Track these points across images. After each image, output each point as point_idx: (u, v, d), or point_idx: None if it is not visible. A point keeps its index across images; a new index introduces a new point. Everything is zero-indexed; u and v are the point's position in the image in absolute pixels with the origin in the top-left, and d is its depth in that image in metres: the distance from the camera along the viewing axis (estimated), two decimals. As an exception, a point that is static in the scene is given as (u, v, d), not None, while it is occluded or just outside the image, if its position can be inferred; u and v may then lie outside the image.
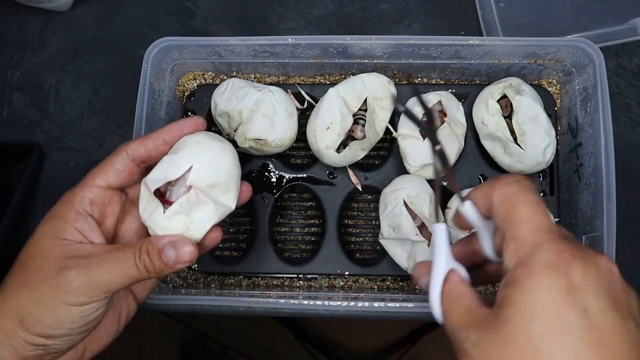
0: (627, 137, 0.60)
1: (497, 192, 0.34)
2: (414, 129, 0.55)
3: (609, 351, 0.28)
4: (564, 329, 0.28)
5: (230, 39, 0.54)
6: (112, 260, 0.39)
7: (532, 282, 0.29)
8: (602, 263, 0.31)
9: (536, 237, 0.31)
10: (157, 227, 0.41)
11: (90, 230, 0.41)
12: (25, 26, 0.66)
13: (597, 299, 0.29)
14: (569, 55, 0.54)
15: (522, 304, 0.29)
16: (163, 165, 0.42)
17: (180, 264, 0.40)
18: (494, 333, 0.30)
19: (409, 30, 0.64)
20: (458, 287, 0.35)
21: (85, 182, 0.42)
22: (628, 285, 0.32)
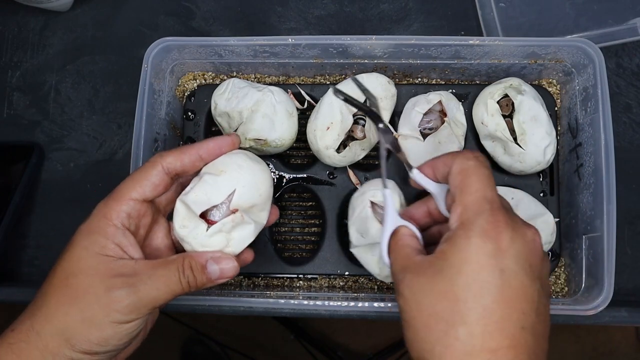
0: (627, 137, 0.60)
1: (456, 163, 0.39)
2: (414, 129, 0.55)
3: (512, 305, 0.34)
4: (481, 283, 0.34)
5: (230, 39, 0.54)
6: (158, 277, 0.39)
7: (466, 243, 0.35)
8: (528, 234, 0.36)
9: (480, 206, 0.36)
10: (197, 243, 0.42)
11: (130, 246, 0.41)
12: (25, 26, 0.66)
13: (515, 264, 0.35)
14: (569, 55, 0.54)
15: (453, 259, 0.35)
16: (205, 187, 0.43)
17: (223, 279, 0.41)
18: (424, 277, 0.36)
19: (409, 30, 0.64)
20: (403, 239, 0.42)
21: (120, 195, 0.41)
22: (546, 254, 0.39)
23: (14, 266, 0.61)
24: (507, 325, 0.34)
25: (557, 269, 0.57)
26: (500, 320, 0.34)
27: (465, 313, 0.34)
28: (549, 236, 0.53)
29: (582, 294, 0.52)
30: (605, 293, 0.48)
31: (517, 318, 0.34)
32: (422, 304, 0.36)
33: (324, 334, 1.36)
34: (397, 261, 0.40)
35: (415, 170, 0.43)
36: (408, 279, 0.37)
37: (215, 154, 0.44)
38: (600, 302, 0.48)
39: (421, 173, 0.43)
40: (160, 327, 1.53)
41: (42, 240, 0.62)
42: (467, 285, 0.34)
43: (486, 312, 0.34)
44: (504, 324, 0.34)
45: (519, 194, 0.54)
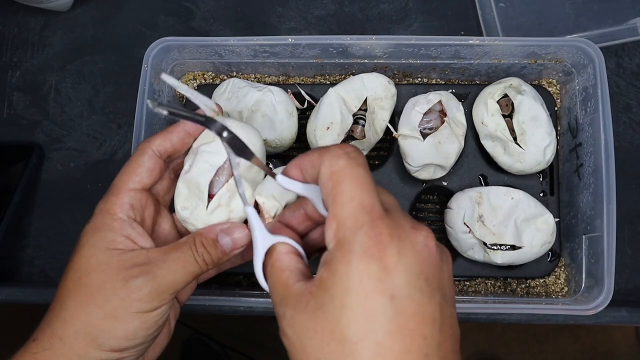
0: (627, 137, 0.60)
1: (325, 165, 0.32)
2: (414, 129, 0.55)
3: (410, 334, 0.29)
4: (370, 317, 0.29)
5: (230, 39, 0.54)
6: (173, 260, 0.38)
7: (346, 269, 0.29)
8: (419, 240, 0.31)
9: (357, 219, 0.30)
10: (200, 223, 0.41)
11: (139, 237, 0.40)
12: (25, 26, 0.66)
13: (407, 284, 0.29)
14: (569, 55, 0.54)
15: (334, 290, 0.30)
16: (203, 157, 0.41)
17: (237, 249, 0.40)
18: (305, 314, 0.30)
19: (409, 30, 0.64)
20: (279, 259, 0.35)
21: (118, 188, 0.40)
22: (442, 254, 0.32)
23: (14, 266, 0.61)
24: (409, 358, 0.29)
25: (557, 269, 0.57)
26: (399, 355, 0.29)
27: (357, 355, 0.29)
28: (549, 236, 0.53)
29: (582, 294, 0.52)
30: (605, 293, 0.48)
31: (418, 347, 0.29)
32: (308, 347, 0.30)
33: (324, 334, 1.36)
34: (276, 290, 0.34)
35: (280, 177, 0.36)
36: (289, 316, 0.31)
37: (202, 127, 0.41)
38: (600, 302, 0.48)
39: (287, 178, 0.36)
40: (160, 327, 1.49)
41: (42, 240, 0.62)
42: (355, 321, 0.29)
43: (380, 349, 0.29)
44: (403, 359, 0.29)
45: (519, 194, 0.54)
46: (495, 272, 0.56)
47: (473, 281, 0.57)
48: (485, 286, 0.57)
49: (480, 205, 0.53)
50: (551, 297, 0.55)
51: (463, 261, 0.57)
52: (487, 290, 0.57)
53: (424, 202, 0.60)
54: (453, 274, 0.57)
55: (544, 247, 0.53)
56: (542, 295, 0.56)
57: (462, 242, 0.54)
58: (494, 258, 0.53)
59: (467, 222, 0.53)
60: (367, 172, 0.32)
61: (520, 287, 0.57)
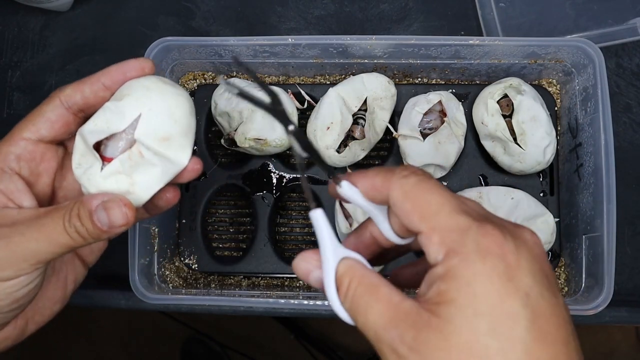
0: (627, 137, 0.60)
1: (395, 188, 0.29)
2: (414, 129, 0.55)
3: (552, 339, 0.26)
4: (510, 322, 0.25)
5: (230, 39, 0.54)
6: (38, 227, 0.33)
7: (470, 272, 0.26)
8: (528, 237, 0.28)
9: (459, 222, 0.27)
10: (92, 186, 0.35)
11: (17, 192, 0.35)
12: (25, 26, 0.66)
13: (535, 282, 0.26)
14: (569, 55, 0.54)
15: (463, 299, 0.26)
16: (106, 113, 0.35)
17: (115, 228, 0.34)
18: (434, 334, 0.26)
19: (409, 30, 0.64)
20: (367, 276, 0.29)
21: (10, 135, 0.36)
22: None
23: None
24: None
25: (557, 269, 0.57)
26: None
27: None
28: (549, 236, 0.53)
29: (582, 294, 0.52)
30: (605, 293, 0.48)
31: (564, 355, 0.26)
32: None
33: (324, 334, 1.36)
34: (375, 311, 0.28)
35: (346, 184, 0.32)
36: (410, 339, 0.26)
37: (120, 79, 0.37)
38: (601, 302, 0.48)
39: (354, 187, 0.32)
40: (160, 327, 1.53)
41: (42, 240, 0.62)
42: (493, 329, 0.25)
43: (530, 357, 0.25)
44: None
45: (519, 194, 0.54)
46: (495, 272, 0.56)
47: (473, 281, 0.57)
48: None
49: (480, 205, 0.53)
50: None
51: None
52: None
53: (424, 202, 0.60)
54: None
55: (544, 247, 0.53)
56: (542, 295, 0.56)
57: (462, 242, 0.54)
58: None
59: (467, 222, 0.53)
60: (441, 183, 0.30)
61: (520, 287, 0.57)
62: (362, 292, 0.29)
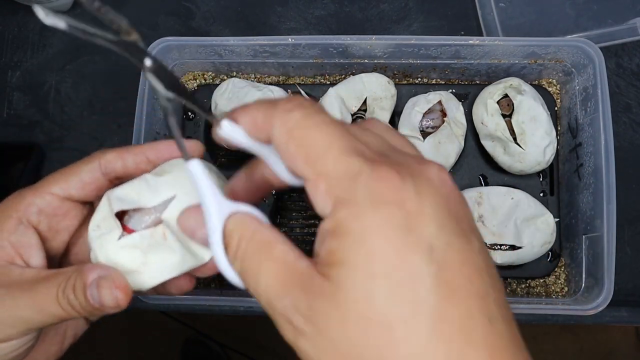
0: (627, 137, 0.60)
1: (277, 126, 0.25)
2: (414, 129, 0.55)
3: (464, 294, 0.22)
4: (412, 283, 0.22)
5: (230, 39, 0.54)
6: (32, 294, 0.31)
7: (362, 226, 0.22)
8: (434, 175, 0.24)
9: (349, 165, 0.23)
10: (102, 253, 0.32)
11: (28, 247, 0.33)
12: (25, 26, 0.66)
13: (441, 229, 0.22)
14: (569, 55, 0.54)
15: (355, 259, 0.22)
16: (141, 184, 0.33)
17: (107, 309, 0.31)
18: (328, 302, 0.22)
19: (409, 30, 0.64)
20: (260, 232, 0.26)
21: (39, 185, 0.34)
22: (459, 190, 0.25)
23: (14, 266, 0.61)
24: (473, 326, 0.22)
25: (557, 269, 0.57)
26: (461, 324, 0.22)
27: (411, 335, 0.21)
28: (549, 236, 0.53)
29: (582, 294, 0.52)
30: (605, 293, 0.48)
31: (478, 309, 0.22)
32: (340, 343, 0.22)
33: (324, 334, 1.36)
34: (269, 274, 0.24)
35: (227, 123, 0.27)
36: (305, 307, 0.23)
37: (165, 157, 0.35)
38: (600, 302, 0.48)
39: (238, 126, 0.27)
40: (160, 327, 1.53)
41: (42, 240, 0.62)
42: (393, 292, 0.21)
43: (437, 322, 0.21)
44: (469, 327, 0.22)
45: (519, 194, 0.54)
46: (495, 272, 0.56)
47: (473, 281, 0.57)
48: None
49: (480, 206, 0.53)
50: (551, 297, 0.55)
51: (463, 261, 0.56)
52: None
53: (424, 202, 0.60)
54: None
55: (544, 247, 0.53)
56: (542, 295, 0.56)
57: (462, 242, 0.54)
58: (494, 258, 0.53)
59: (467, 222, 0.53)
60: (332, 117, 0.25)
61: (520, 287, 0.57)
62: (254, 250, 0.25)
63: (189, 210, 0.29)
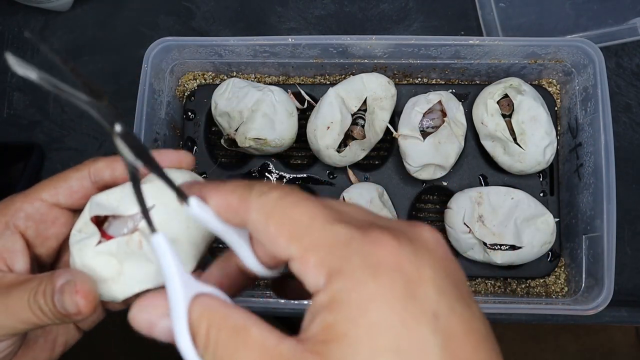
0: (627, 137, 0.60)
1: (254, 209, 0.24)
2: (414, 129, 0.55)
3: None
4: (420, 356, 0.20)
5: (230, 39, 0.54)
6: (5, 298, 0.30)
7: (361, 296, 0.21)
8: (427, 236, 0.24)
9: (337, 234, 0.22)
10: (79, 258, 0.31)
11: (12, 252, 0.32)
12: (25, 26, 0.66)
13: (442, 295, 0.21)
14: (569, 55, 0.54)
15: (357, 332, 0.20)
16: (123, 191, 0.32)
17: (72, 316, 0.29)
18: None
19: (409, 30, 0.64)
20: (230, 316, 0.23)
21: (29, 191, 0.34)
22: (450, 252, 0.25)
23: (14, 266, 0.61)
24: None
25: (557, 269, 0.57)
26: None
27: None
28: (549, 236, 0.53)
29: (582, 294, 0.52)
30: (605, 293, 0.48)
31: None
32: None
33: (324, 334, 1.36)
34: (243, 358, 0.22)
35: (195, 201, 0.26)
36: None
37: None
38: (600, 302, 0.48)
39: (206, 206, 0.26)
40: (160, 327, 1.50)
41: (42, 240, 0.62)
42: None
43: None
44: None
45: (519, 194, 0.54)
46: (495, 272, 0.56)
47: (473, 281, 0.57)
48: (485, 286, 0.57)
49: (480, 205, 0.53)
50: (551, 297, 0.55)
51: (463, 261, 0.56)
52: (487, 290, 0.57)
53: (424, 202, 0.60)
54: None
55: (544, 247, 0.53)
56: (542, 295, 0.56)
57: (462, 242, 0.54)
58: (494, 258, 0.53)
59: (467, 222, 0.53)
60: (308, 194, 0.24)
61: (520, 287, 0.57)
62: (226, 339, 0.22)
63: (139, 302, 0.25)
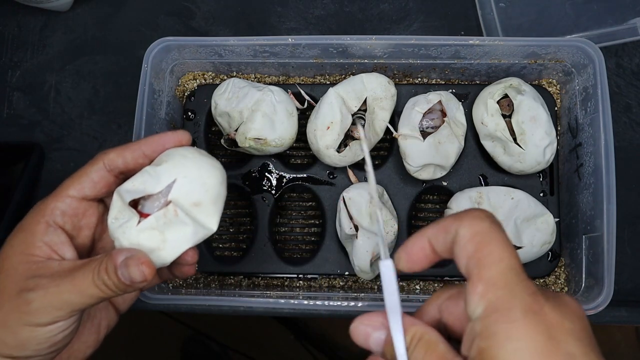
0: (627, 137, 0.60)
1: (464, 227, 0.30)
2: (414, 129, 0.55)
3: None
4: None
5: (230, 39, 0.54)
6: (71, 279, 0.36)
7: (510, 329, 0.26)
8: (572, 303, 0.29)
9: (508, 279, 0.28)
10: (125, 239, 0.37)
11: (60, 245, 0.38)
12: (25, 26, 0.66)
13: (579, 341, 0.27)
14: (569, 55, 0.54)
15: (504, 356, 0.26)
16: (144, 176, 0.39)
17: (137, 284, 0.36)
18: None
19: (409, 30, 0.64)
20: (427, 333, 0.30)
21: (58, 192, 0.40)
22: None
23: (14, 266, 0.61)
24: None
25: (557, 269, 0.57)
26: None
27: None
28: (549, 236, 0.53)
29: (582, 294, 0.52)
30: (605, 293, 0.48)
31: None
32: None
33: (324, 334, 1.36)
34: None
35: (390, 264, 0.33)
36: None
37: (159, 150, 0.41)
38: (600, 302, 0.48)
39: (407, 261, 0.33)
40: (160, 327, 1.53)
41: (42, 240, 0.62)
42: None
43: None
44: None
45: (519, 194, 0.54)
46: (495, 272, 0.56)
47: (473, 281, 0.57)
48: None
49: (480, 205, 0.53)
50: (551, 297, 0.55)
51: (463, 261, 0.57)
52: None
53: (424, 202, 0.60)
54: (452, 275, 0.57)
55: (544, 247, 0.53)
56: (542, 295, 0.56)
57: (462, 242, 0.54)
58: None
59: (467, 222, 0.53)
60: (508, 238, 0.30)
61: (520, 287, 0.57)
62: (423, 348, 0.30)
63: (362, 317, 0.32)
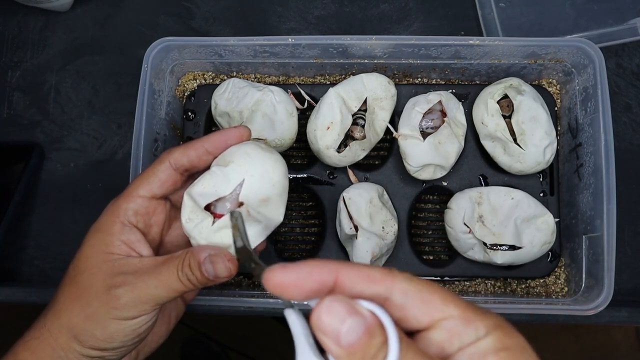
0: (627, 137, 0.60)
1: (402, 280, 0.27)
2: (414, 129, 0.55)
3: None
4: None
5: (230, 39, 0.54)
6: (157, 275, 0.39)
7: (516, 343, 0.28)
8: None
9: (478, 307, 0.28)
10: (202, 238, 0.41)
11: (137, 242, 0.41)
12: (25, 26, 0.66)
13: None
14: (569, 55, 0.54)
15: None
16: (213, 178, 0.41)
17: (220, 279, 0.39)
18: None
19: (409, 30, 0.64)
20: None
21: (128, 192, 0.42)
22: None
23: (14, 266, 0.61)
24: None
25: (557, 269, 0.57)
26: None
27: None
28: (549, 236, 0.53)
29: (582, 294, 0.52)
30: (605, 293, 0.48)
31: None
32: None
33: (324, 334, 1.36)
34: None
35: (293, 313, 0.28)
36: None
37: (222, 146, 0.43)
38: (601, 302, 0.48)
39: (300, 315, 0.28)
40: (160, 327, 1.48)
41: (42, 240, 0.62)
42: None
43: None
44: None
45: (519, 194, 0.54)
46: (495, 272, 0.56)
47: (473, 281, 0.57)
48: (485, 286, 0.57)
49: (480, 206, 0.53)
50: (551, 297, 0.55)
51: (463, 261, 0.57)
52: (487, 290, 0.57)
53: (424, 202, 0.60)
54: (452, 275, 0.57)
55: (544, 247, 0.53)
56: (542, 295, 0.56)
57: (462, 242, 0.54)
58: (494, 258, 0.53)
59: (467, 222, 0.53)
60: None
61: (520, 287, 0.57)
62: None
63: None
